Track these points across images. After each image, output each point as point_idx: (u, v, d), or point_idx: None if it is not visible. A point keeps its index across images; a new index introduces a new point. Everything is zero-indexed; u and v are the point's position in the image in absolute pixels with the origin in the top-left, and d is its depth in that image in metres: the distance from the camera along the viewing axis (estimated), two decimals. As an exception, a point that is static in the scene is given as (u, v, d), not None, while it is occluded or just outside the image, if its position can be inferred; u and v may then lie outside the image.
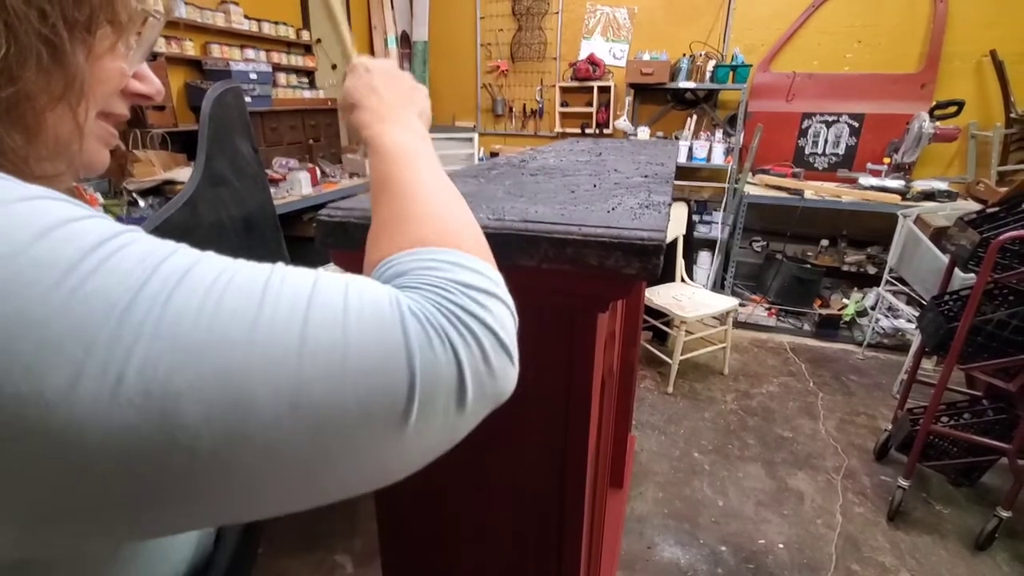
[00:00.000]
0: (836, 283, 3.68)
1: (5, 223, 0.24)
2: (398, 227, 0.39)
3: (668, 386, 2.74)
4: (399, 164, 0.45)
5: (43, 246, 0.24)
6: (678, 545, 1.82)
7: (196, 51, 2.82)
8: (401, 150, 0.47)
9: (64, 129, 0.33)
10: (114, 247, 0.26)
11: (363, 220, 0.62)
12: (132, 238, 0.27)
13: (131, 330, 0.24)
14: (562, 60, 4.14)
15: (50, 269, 0.23)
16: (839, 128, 3.61)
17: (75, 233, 0.25)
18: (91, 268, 0.24)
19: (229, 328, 0.25)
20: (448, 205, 0.42)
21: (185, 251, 0.29)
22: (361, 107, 0.53)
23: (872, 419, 2.54)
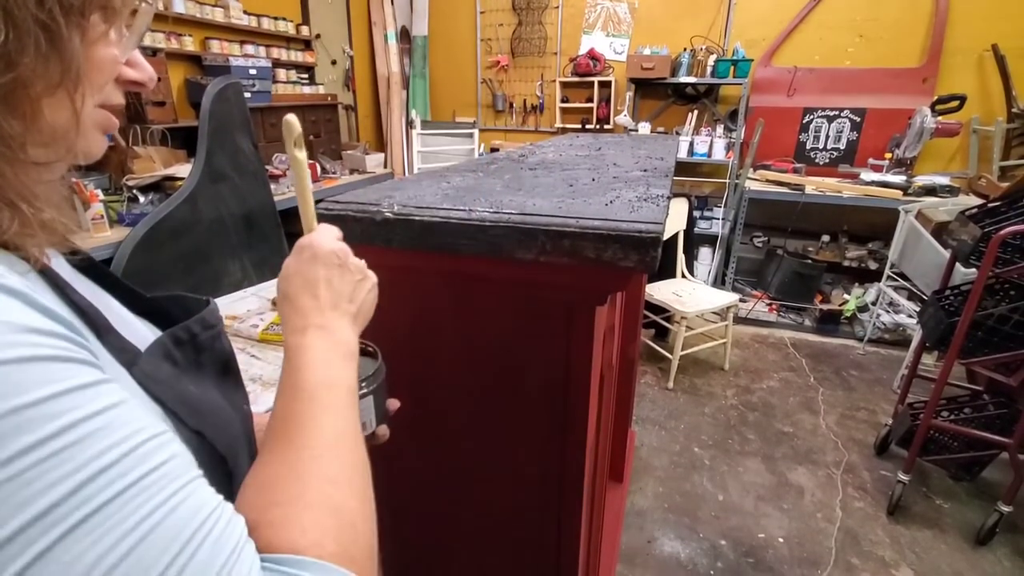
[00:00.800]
0: (837, 279, 3.67)
1: None
2: (289, 505, 0.36)
3: (668, 381, 2.74)
4: (311, 407, 0.42)
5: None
6: (678, 539, 1.83)
7: (196, 46, 2.82)
8: (317, 387, 0.43)
9: (61, 116, 0.33)
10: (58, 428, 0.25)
11: (361, 213, 0.62)
12: (84, 427, 0.26)
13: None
14: (562, 55, 4.13)
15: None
16: (840, 123, 3.60)
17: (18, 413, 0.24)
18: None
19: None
20: (346, 487, 0.39)
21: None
22: (291, 302, 0.48)
23: (872, 414, 2.54)
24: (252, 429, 0.52)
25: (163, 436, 0.30)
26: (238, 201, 2.42)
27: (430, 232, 0.60)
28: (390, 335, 0.71)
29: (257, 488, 0.38)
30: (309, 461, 0.39)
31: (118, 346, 0.37)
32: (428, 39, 4.38)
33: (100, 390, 0.28)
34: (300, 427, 0.41)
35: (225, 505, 0.32)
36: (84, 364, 0.28)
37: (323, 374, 0.44)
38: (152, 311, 0.49)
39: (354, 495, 0.39)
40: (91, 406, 0.27)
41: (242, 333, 1.48)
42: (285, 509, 0.36)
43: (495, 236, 0.57)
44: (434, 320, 0.69)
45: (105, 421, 0.27)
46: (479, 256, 0.60)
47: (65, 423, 0.25)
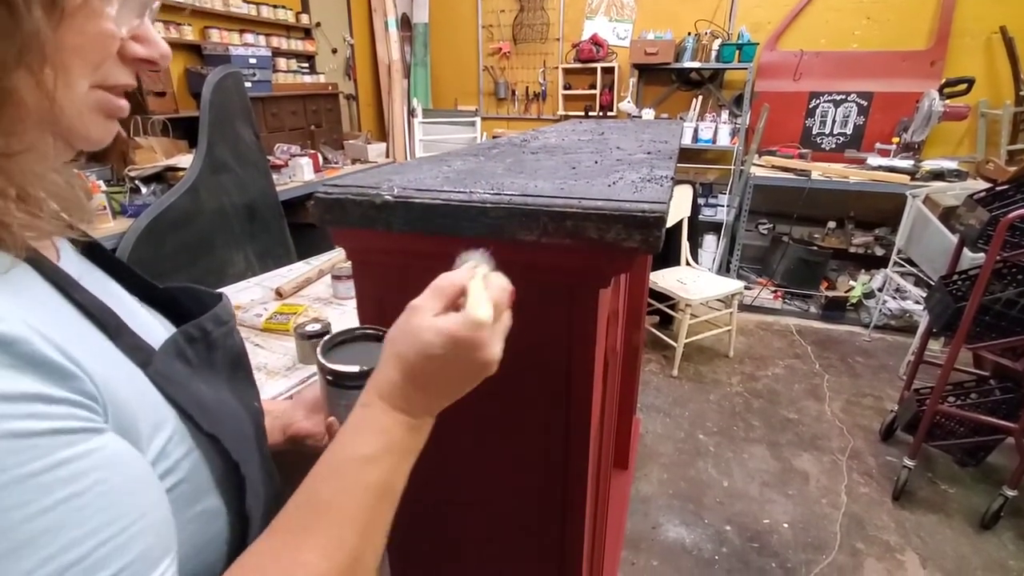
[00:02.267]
0: (843, 265, 3.65)
1: None
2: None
3: (673, 369, 2.74)
4: (354, 511, 0.38)
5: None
6: (683, 525, 1.84)
7: (195, 36, 2.80)
8: (375, 489, 0.39)
9: (30, 98, 0.30)
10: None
11: (360, 197, 0.61)
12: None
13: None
14: (565, 41, 4.08)
15: None
16: (847, 107, 3.55)
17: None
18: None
19: None
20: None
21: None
22: (405, 377, 0.41)
23: (878, 400, 2.53)
24: (263, 425, 0.52)
25: (130, 531, 0.28)
26: (240, 191, 2.41)
27: (430, 215, 0.59)
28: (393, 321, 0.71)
29: (285, 537, 0.36)
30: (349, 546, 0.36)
31: (131, 345, 0.36)
32: (429, 26, 4.34)
33: (58, 475, 0.25)
34: (323, 526, 0.36)
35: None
36: (52, 435, 0.26)
37: (389, 474, 0.39)
38: (161, 300, 0.49)
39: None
40: (42, 499, 0.25)
41: (246, 323, 1.47)
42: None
43: (496, 218, 0.56)
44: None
45: (54, 522, 0.25)
46: (481, 239, 0.59)
47: (2, 526, 0.23)
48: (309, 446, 0.62)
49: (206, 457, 0.38)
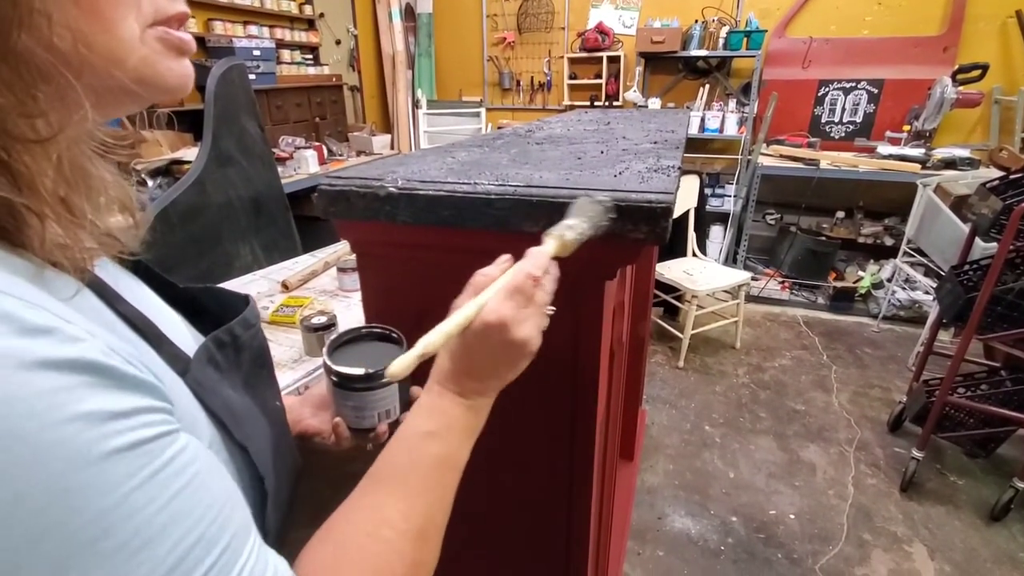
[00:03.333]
0: (852, 255, 3.61)
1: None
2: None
3: (679, 360, 2.73)
4: (423, 479, 0.43)
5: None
6: (689, 516, 1.84)
7: (199, 28, 2.79)
8: (440, 462, 0.44)
9: (65, 50, 0.27)
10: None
11: (364, 189, 0.60)
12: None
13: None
14: (570, 30, 4.04)
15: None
16: (857, 95, 3.50)
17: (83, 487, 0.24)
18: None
19: None
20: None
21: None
22: (463, 362, 0.47)
23: (886, 391, 2.51)
24: (286, 423, 0.52)
25: (226, 508, 0.31)
26: (245, 184, 2.41)
27: (435, 206, 0.58)
28: (401, 316, 0.71)
29: (321, 558, 0.38)
30: (379, 548, 0.38)
31: (171, 354, 0.35)
32: (433, 16, 4.30)
33: (170, 472, 0.28)
34: (394, 497, 0.41)
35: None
36: (159, 439, 0.28)
37: (451, 448, 0.44)
38: (180, 300, 0.48)
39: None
40: (163, 495, 0.27)
41: (252, 315, 1.48)
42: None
43: (501, 209, 0.56)
44: (443, 299, 0.69)
45: (176, 512, 0.27)
46: (486, 230, 0.58)
47: (139, 523, 0.26)
48: (316, 444, 0.62)
49: (235, 467, 0.38)
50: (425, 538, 0.41)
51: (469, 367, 0.46)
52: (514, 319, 0.45)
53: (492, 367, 0.47)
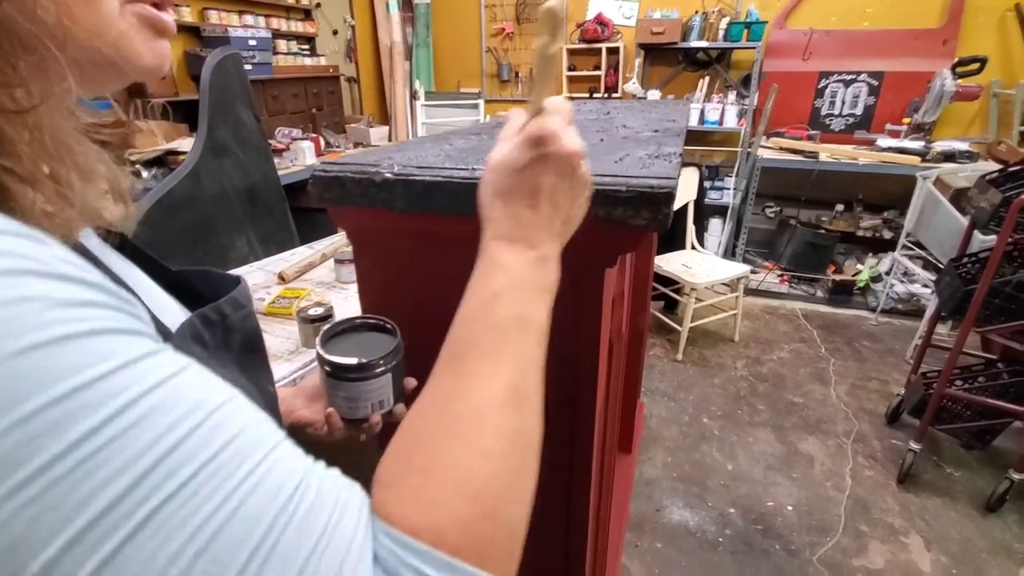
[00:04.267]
0: (851, 249, 3.61)
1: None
2: (422, 474, 0.31)
3: (678, 353, 2.73)
4: (494, 343, 0.36)
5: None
6: (687, 508, 1.84)
7: (194, 17, 2.76)
8: (510, 321, 0.37)
9: (41, 23, 0.26)
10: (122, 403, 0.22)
11: (359, 175, 0.59)
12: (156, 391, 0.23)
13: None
14: (569, 21, 4.01)
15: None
16: (857, 87, 3.49)
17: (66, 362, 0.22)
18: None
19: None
20: (497, 466, 0.32)
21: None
22: (504, 201, 0.40)
23: (884, 384, 2.52)
24: (277, 410, 0.51)
25: (232, 403, 0.27)
26: (241, 175, 2.40)
27: (432, 192, 0.57)
28: (398, 305, 0.70)
29: (409, 438, 0.33)
30: (467, 419, 0.32)
31: (155, 327, 0.34)
32: (431, 6, 4.26)
33: (153, 362, 0.24)
34: (472, 366, 0.35)
35: (315, 470, 0.28)
36: (131, 334, 0.25)
37: (522, 307, 0.37)
38: (176, 284, 0.47)
39: (505, 480, 0.31)
40: (146, 381, 0.23)
41: (249, 307, 1.47)
42: (416, 479, 0.30)
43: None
44: (440, 288, 0.68)
45: (162, 397, 0.24)
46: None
47: (118, 405, 0.22)
48: (309, 434, 0.61)
49: None
50: (518, 404, 0.34)
51: (528, 198, 0.40)
52: (558, 126, 0.39)
53: (554, 193, 0.40)
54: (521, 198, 0.40)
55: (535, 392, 0.36)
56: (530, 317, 0.37)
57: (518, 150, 0.39)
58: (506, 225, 0.40)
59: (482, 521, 0.29)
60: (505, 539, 0.31)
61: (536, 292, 0.39)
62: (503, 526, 0.30)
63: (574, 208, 0.43)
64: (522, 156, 0.39)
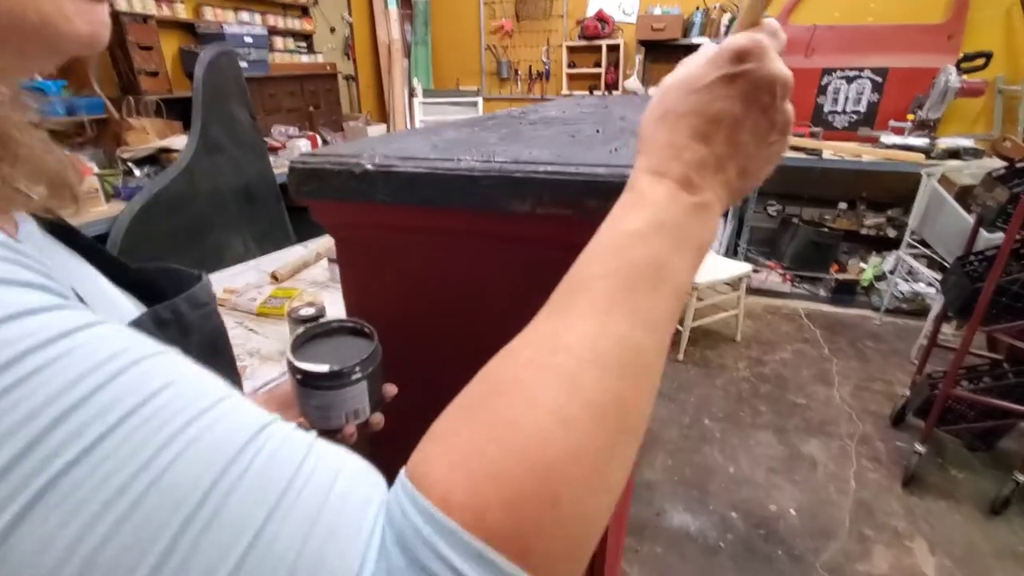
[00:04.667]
0: (854, 247, 3.57)
1: None
2: (487, 431, 0.25)
3: (679, 353, 2.69)
4: (609, 287, 0.29)
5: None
6: (687, 511, 1.81)
7: (189, 14, 2.73)
8: (642, 268, 0.29)
9: None
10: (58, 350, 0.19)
11: (339, 166, 0.56)
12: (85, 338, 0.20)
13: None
14: (569, 18, 3.98)
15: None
16: (861, 84, 3.45)
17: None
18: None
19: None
20: (562, 432, 0.24)
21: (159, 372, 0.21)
22: (672, 125, 0.32)
23: (888, 385, 2.48)
24: None
25: (165, 356, 0.23)
26: (236, 173, 2.36)
27: (415, 185, 0.54)
28: (383, 305, 0.67)
29: (480, 385, 0.28)
30: (554, 373, 0.26)
31: None
32: (429, 3, 4.23)
33: (61, 314, 0.21)
34: (580, 310, 0.28)
35: (282, 426, 0.24)
36: (37, 289, 0.21)
37: (664, 255, 0.30)
38: (139, 283, 0.45)
39: (586, 461, 0.24)
40: (51, 329, 0.20)
41: (240, 307, 1.44)
42: (471, 433, 0.25)
43: (486, 187, 0.51)
44: (427, 287, 0.64)
45: (70, 345, 0.20)
46: (471, 210, 0.54)
47: (13, 353, 0.19)
48: None
49: None
50: (626, 369, 0.27)
51: (702, 128, 0.31)
52: (775, 56, 0.31)
53: (734, 133, 0.32)
54: (692, 125, 0.32)
55: (654, 360, 0.29)
56: (671, 269, 0.30)
57: (706, 65, 0.32)
58: (663, 156, 0.32)
59: (540, 506, 0.23)
60: (566, 538, 0.23)
61: (685, 243, 0.31)
62: (568, 520, 0.23)
63: (759, 155, 0.34)
64: (709, 72, 0.31)
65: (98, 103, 2.18)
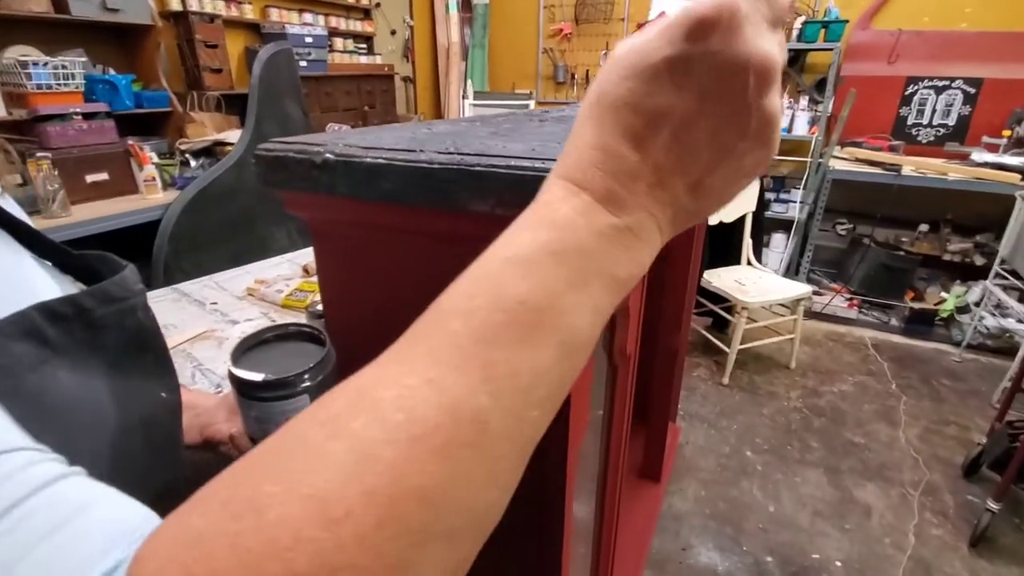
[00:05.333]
0: (934, 274, 3.24)
1: None
2: (245, 489, 0.19)
3: (724, 376, 2.52)
4: (474, 342, 0.21)
5: None
6: (717, 549, 1.66)
7: (255, 14, 2.85)
8: (523, 309, 0.22)
9: None
10: None
11: (300, 155, 0.52)
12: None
13: None
14: (630, 21, 3.86)
15: None
16: (951, 95, 3.13)
17: None
18: None
19: None
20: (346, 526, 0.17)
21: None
22: (610, 126, 0.24)
23: (964, 430, 2.21)
24: (170, 420, 0.44)
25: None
26: (285, 168, 2.43)
27: (375, 178, 0.49)
28: (360, 307, 0.62)
29: (285, 427, 0.21)
30: (337, 428, 0.19)
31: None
32: (489, 7, 4.23)
33: None
34: (415, 346, 0.22)
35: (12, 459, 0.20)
36: None
37: (552, 294, 0.22)
38: (85, 270, 0.43)
39: (335, 560, 0.17)
40: None
41: (267, 297, 1.46)
42: (211, 491, 0.19)
43: (443, 182, 0.45)
44: (398, 290, 0.59)
45: None
46: (434, 208, 0.48)
47: None
48: (222, 452, 0.54)
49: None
50: (444, 452, 0.19)
51: (639, 133, 0.23)
52: (758, 29, 0.23)
53: (683, 134, 0.24)
54: (625, 121, 0.24)
55: (505, 439, 0.21)
56: (560, 312, 0.22)
57: (657, 38, 0.23)
58: (585, 160, 0.24)
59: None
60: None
61: (592, 277, 0.23)
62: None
63: (724, 168, 0.25)
64: (657, 48, 0.23)
65: (164, 96, 2.30)
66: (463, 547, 0.20)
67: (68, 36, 2.14)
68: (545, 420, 0.22)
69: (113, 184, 2.06)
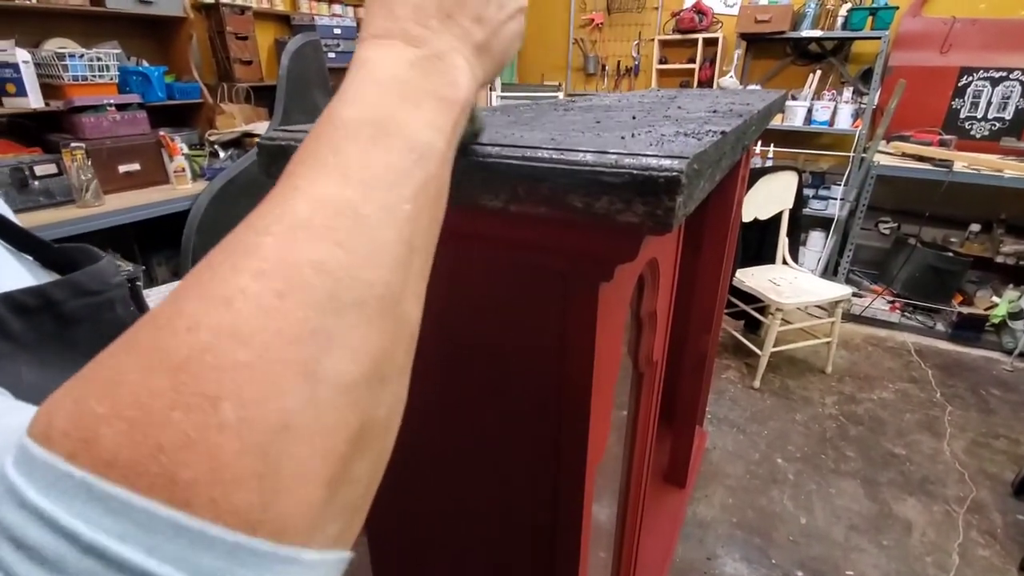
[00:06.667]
0: (985, 277, 3.06)
1: None
2: (121, 346, 0.17)
3: (755, 380, 2.43)
4: (315, 150, 0.22)
5: None
6: (743, 560, 1.60)
7: (286, 6, 2.86)
8: (358, 124, 0.23)
9: None
10: None
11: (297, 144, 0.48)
12: None
13: None
14: (664, 10, 3.74)
15: None
16: (1008, 87, 2.93)
17: None
18: None
19: None
20: (276, 332, 0.17)
21: None
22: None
23: (1015, 444, 2.07)
24: None
25: None
26: (312, 160, 2.43)
27: (380, 169, 0.45)
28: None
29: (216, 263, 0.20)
30: (229, 252, 0.19)
31: None
32: (521, -3, 4.17)
33: None
34: (276, 190, 0.22)
35: None
36: None
37: (381, 110, 0.24)
38: (68, 265, 0.41)
39: (243, 330, 0.16)
40: None
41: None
42: (107, 359, 0.17)
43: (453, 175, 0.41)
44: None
45: None
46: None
47: None
48: None
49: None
50: (340, 227, 0.20)
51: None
52: None
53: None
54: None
55: (382, 223, 0.21)
56: (393, 123, 0.24)
57: None
58: (379, 16, 0.28)
59: (188, 412, 0.15)
60: (237, 454, 0.15)
61: (416, 94, 0.26)
62: (243, 429, 0.15)
63: (493, 8, 0.32)
64: None
65: (195, 88, 2.32)
66: (378, 326, 0.20)
67: (103, 29, 2.18)
68: (425, 217, 0.24)
69: (145, 174, 2.09)
